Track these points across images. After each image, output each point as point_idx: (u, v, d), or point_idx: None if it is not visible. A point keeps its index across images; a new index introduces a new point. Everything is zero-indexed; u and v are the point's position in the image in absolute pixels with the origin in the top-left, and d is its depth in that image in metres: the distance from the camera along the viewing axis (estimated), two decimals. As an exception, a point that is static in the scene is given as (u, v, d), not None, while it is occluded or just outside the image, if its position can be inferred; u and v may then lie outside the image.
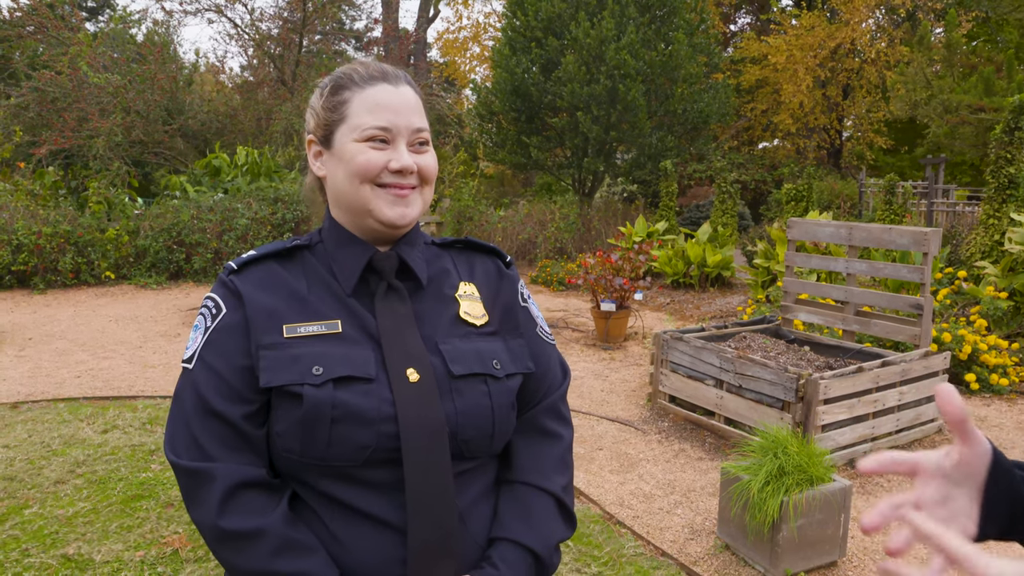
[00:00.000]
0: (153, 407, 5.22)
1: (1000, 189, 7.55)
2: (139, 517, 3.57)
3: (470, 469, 1.12)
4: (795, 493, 3.00)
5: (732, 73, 19.42)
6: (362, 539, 1.05)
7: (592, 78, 12.55)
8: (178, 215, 10.84)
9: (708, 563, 3.25)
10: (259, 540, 1.01)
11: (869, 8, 19.13)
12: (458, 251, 1.28)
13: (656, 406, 5.28)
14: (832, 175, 19.59)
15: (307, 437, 1.02)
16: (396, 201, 1.12)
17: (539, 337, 1.26)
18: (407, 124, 1.13)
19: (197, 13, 15.81)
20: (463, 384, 1.10)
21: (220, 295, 1.12)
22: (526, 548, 1.12)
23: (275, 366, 1.05)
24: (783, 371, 4.29)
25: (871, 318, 5.12)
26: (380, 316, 1.12)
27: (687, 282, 10.29)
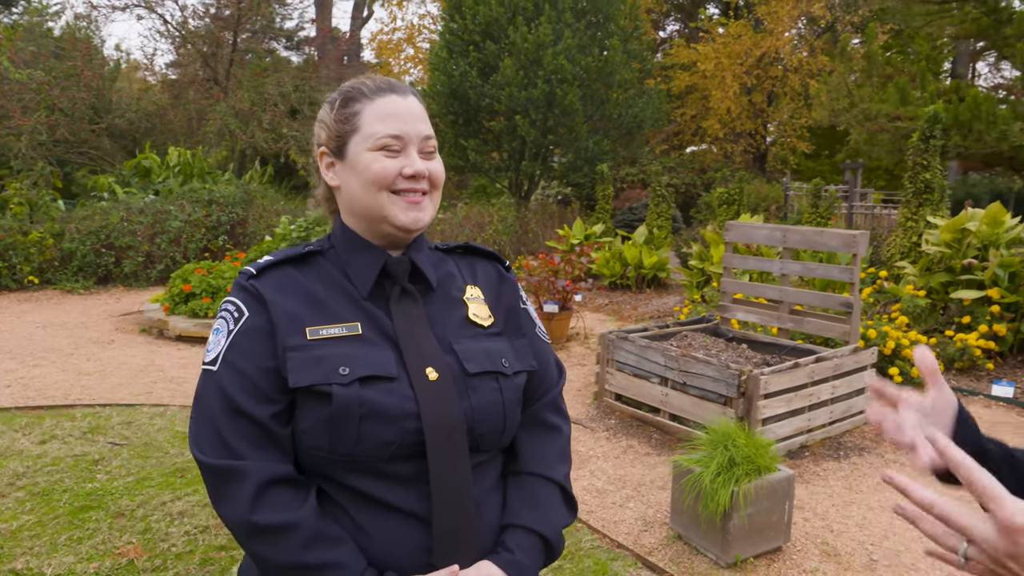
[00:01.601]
0: (92, 416, 5.08)
1: (917, 194, 7.98)
2: (89, 528, 3.49)
3: (484, 462, 1.19)
4: (745, 483, 3.16)
5: (662, 79, 19.88)
6: (388, 530, 1.10)
7: (530, 82, 12.70)
8: (107, 217, 10.51)
9: (662, 553, 3.38)
10: (292, 533, 1.05)
11: (792, 19, 19.85)
12: (460, 255, 1.35)
13: (603, 404, 5.41)
14: (758, 179, 20.24)
15: (335, 434, 1.08)
16: (410, 207, 1.18)
17: (538, 337, 1.34)
18: (417, 132, 1.20)
19: (126, 8, 15.32)
20: (477, 382, 1.17)
21: (241, 299, 1.16)
22: (537, 533, 1.19)
23: (302, 367, 1.09)
24: (725, 368, 4.47)
25: (804, 316, 5.36)
26: (396, 318, 1.17)
27: (624, 283, 10.51)
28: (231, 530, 1.10)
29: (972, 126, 11.18)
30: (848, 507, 3.87)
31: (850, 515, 3.78)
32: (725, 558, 3.24)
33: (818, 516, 3.77)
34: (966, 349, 6.22)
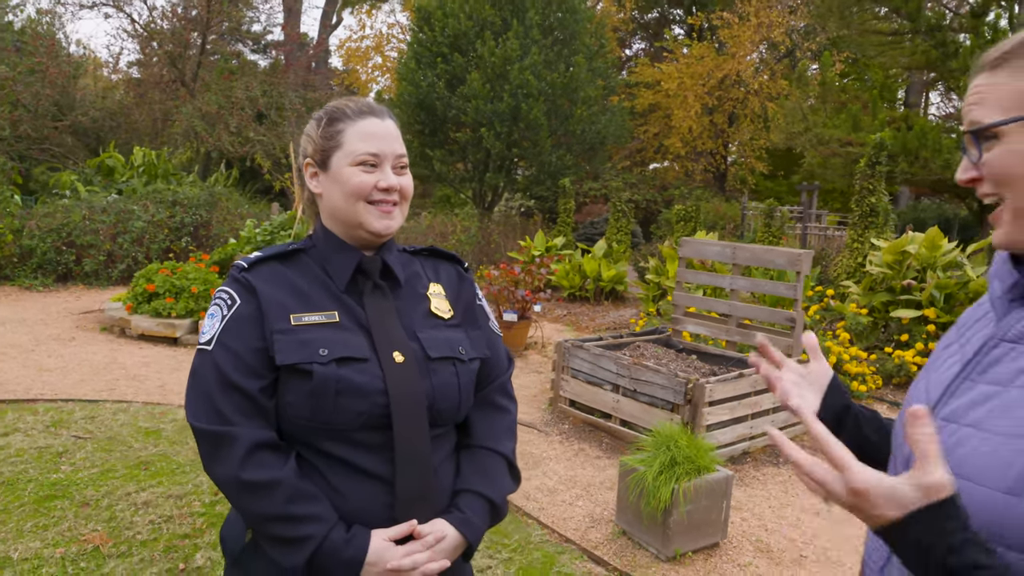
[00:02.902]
0: (55, 410, 5.14)
1: (863, 217, 8.37)
2: (55, 516, 3.59)
3: (440, 434, 1.39)
4: (684, 481, 3.38)
5: (626, 96, 20.30)
6: (357, 490, 1.29)
7: (496, 96, 12.94)
8: (68, 215, 10.47)
9: (607, 547, 3.59)
10: (275, 489, 1.23)
11: (753, 44, 20.45)
12: (425, 257, 1.55)
13: (557, 410, 5.62)
14: (717, 197, 20.75)
15: (315, 406, 1.26)
16: (382, 216, 1.38)
17: (492, 330, 1.54)
18: (392, 150, 1.39)
19: (94, 7, 15.24)
20: (437, 365, 1.36)
21: (234, 289, 1.34)
22: (485, 497, 1.39)
23: (287, 348, 1.28)
24: (674, 376, 4.71)
25: (751, 330, 5.64)
26: (368, 309, 1.37)
27: (583, 295, 10.76)
28: (222, 487, 1.28)
29: (919, 154, 11.71)
30: (783, 509, 4.12)
31: (784, 516, 4.03)
32: (665, 552, 3.45)
33: (755, 516, 4.02)
34: (903, 365, 6.56)
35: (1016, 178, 0.89)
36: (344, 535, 1.25)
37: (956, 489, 0.80)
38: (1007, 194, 0.91)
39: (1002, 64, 0.91)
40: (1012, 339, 0.91)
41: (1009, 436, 0.83)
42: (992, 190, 0.92)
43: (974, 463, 0.85)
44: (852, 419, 1.17)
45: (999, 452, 0.83)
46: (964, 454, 0.87)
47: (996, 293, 0.97)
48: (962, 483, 0.86)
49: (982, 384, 0.91)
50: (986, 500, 0.83)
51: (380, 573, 1.25)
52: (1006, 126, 0.89)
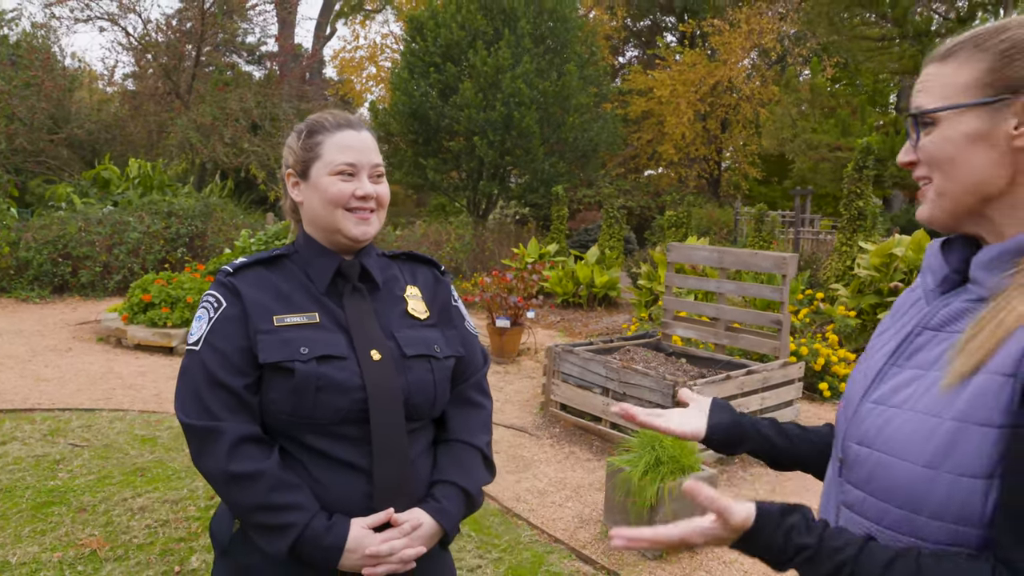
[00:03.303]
0: (52, 419, 5.21)
1: (851, 220, 8.48)
2: (52, 522, 3.65)
3: (417, 428, 1.46)
4: (670, 480, 3.46)
5: (619, 104, 20.44)
6: (338, 480, 1.37)
7: (488, 104, 13.05)
8: (64, 227, 10.54)
9: (595, 547, 3.66)
10: (260, 479, 1.31)
11: (744, 50, 20.62)
12: (403, 261, 1.63)
13: (548, 414, 5.69)
14: (711, 203, 20.88)
15: (296, 401, 1.34)
16: (360, 222, 1.46)
17: (467, 329, 1.62)
18: (368, 160, 1.47)
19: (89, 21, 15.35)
20: (413, 363, 1.44)
21: (220, 292, 1.42)
22: (460, 488, 1.47)
23: (270, 347, 1.36)
24: (662, 379, 4.79)
25: (739, 333, 5.73)
26: (347, 310, 1.45)
27: (576, 301, 10.85)
28: (209, 479, 1.35)
29: (907, 157, 11.79)
30: (769, 507, 4.19)
31: (770, 514, 4.10)
32: (652, 550, 3.52)
33: (741, 515, 4.08)
34: (890, 366, 6.64)
35: (943, 161, 0.97)
36: (325, 523, 1.33)
37: (754, 512, 0.97)
38: (935, 175, 0.99)
39: (950, 56, 0.99)
40: (935, 327, 0.99)
41: (927, 415, 0.91)
42: (924, 173, 1.01)
43: (897, 441, 0.93)
44: (752, 430, 1.26)
45: (919, 430, 0.91)
46: (890, 433, 0.95)
47: (929, 286, 1.05)
48: (888, 459, 0.94)
49: (908, 369, 0.99)
50: (908, 474, 0.91)
51: (359, 559, 1.33)
52: (943, 112, 0.97)
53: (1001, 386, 0.85)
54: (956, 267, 1.01)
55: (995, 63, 0.94)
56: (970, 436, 0.86)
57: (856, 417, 1.03)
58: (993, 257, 0.94)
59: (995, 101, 0.93)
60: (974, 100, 0.94)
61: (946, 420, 0.88)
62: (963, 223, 0.99)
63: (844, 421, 1.07)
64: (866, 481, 0.97)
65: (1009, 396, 0.84)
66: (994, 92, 0.93)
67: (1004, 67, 0.93)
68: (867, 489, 0.97)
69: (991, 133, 0.94)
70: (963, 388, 0.88)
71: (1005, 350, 0.85)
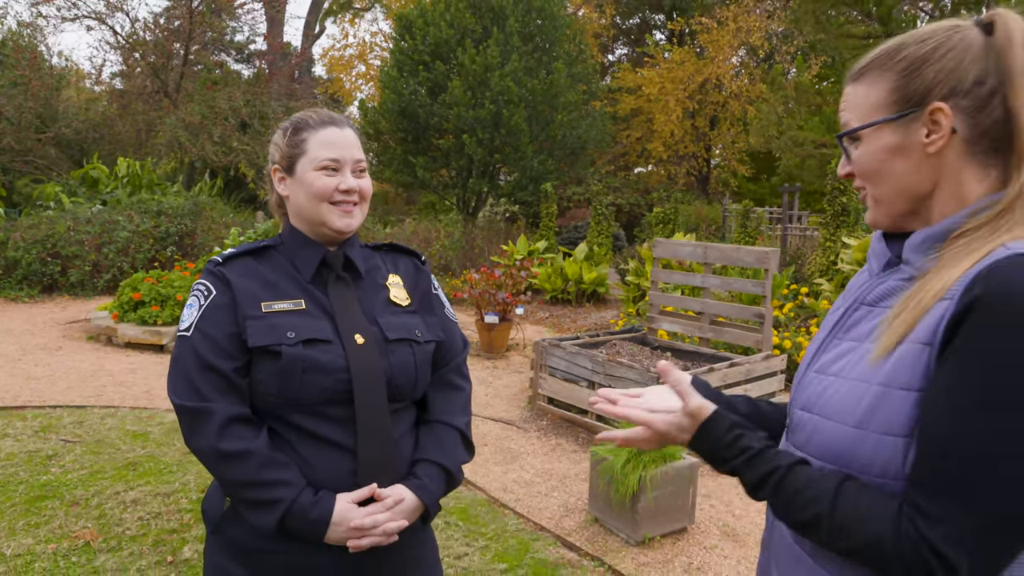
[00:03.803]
0: (43, 416, 5.25)
1: (835, 216, 8.59)
2: (46, 515, 3.71)
3: (400, 409, 1.54)
4: (652, 469, 3.54)
5: (609, 102, 20.54)
6: (323, 458, 1.44)
7: (477, 103, 13.12)
8: (53, 226, 10.55)
9: (580, 534, 3.74)
10: (250, 457, 1.38)
11: (732, 48, 20.75)
12: (385, 252, 1.70)
13: (536, 407, 5.77)
14: (700, 200, 21.01)
15: (284, 383, 1.41)
16: (343, 215, 1.53)
17: (447, 316, 1.70)
18: (351, 156, 1.55)
19: (76, 19, 15.32)
20: (395, 346, 1.52)
21: (210, 281, 1.49)
22: (441, 466, 1.54)
23: (258, 332, 1.43)
24: (646, 371, 4.88)
25: (723, 326, 5.82)
26: (332, 297, 1.52)
27: (565, 298, 10.93)
28: (201, 457, 1.42)
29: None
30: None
31: (752, 503, 4.19)
32: (635, 537, 3.61)
33: (724, 503, 4.18)
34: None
35: (871, 172, 1.07)
36: (311, 498, 1.40)
37: (712, 408, 1.15)
38: (868, 185, 1.09)
39: (861, 77, 1.09)
40: (870, 303, 1.08)
41: (859, 381, 1.00)
42: (860, 183, 1.11)
43: (833, 405, 1.03)
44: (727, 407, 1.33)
45: (851, 395, 1.01)
46: (827, 398, 1.05)
47: (875, 270, 1.14)
48: (824, 422, 1.04)
49: (846, 341, 1.08)
50: (840, 434, 1.00)
51: (344, 531, 1.40)
52: (864, 130, 1.07)
53: (919, 353, 0.94)
54: (898, 252, 1.10)
55: (898, 80, 1.03)
56: (893, 399, 0.95)
57: (800, 385, 1.14)
58: (921, 241, 1.03)
59: (904, 115, 1.03)
60: (886, 116, 1.04)
61: (874, 385, 0.98)
62: (903, 223, 1.09)
63: (793, 390, 1.17)
64: (806, 442, 1.07)
65: (926, 362, 0.93)
66: (902, 107, 1.03)
67: (907, 83, 1.03)
68: (807, 449, 1.06)
69: (906, 144, 1.03)
70: (890, 356, 0.97)
71: (924, 322, 0.94)
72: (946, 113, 1.00)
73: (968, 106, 1.00)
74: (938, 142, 1.01)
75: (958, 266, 0.94)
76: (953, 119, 1.00)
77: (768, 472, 1.04)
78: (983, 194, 1.01)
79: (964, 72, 1.00)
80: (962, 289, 0.91)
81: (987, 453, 0.86)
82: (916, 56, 1.03)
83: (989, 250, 0.94)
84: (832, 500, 0.96)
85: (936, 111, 1.00)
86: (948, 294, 0.93)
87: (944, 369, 0.91)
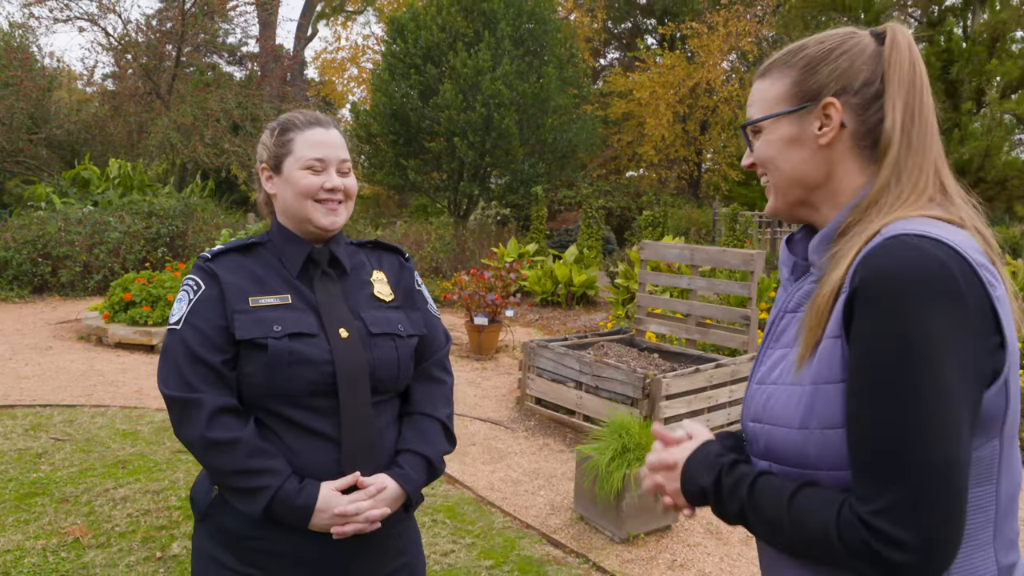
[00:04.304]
0: (33, 415, 5.27)
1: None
2: (35, 512, 3.74)
3: (383, 401, 1.59)
4: (636, 466, 3.59)
5: (600, 105, 20.63)
6: (309, 448, 1.49)
7: (468, 106, 13.18)
8: (44, 227, 10.54)
9: (566, 532, 3.79)
10: (237, 446, 1.43)
11: (723, 53, 20.88)
12: (370, 249, 1.75)
13: (524, 408, 5.82)
14: (690, 204, 21.12)
15: (270, 375, 1.46)
16: (328, 213, 1.58)
17: (429, 311, 1.75)
18: (336, 156, 1.60)
19: (68, 21, 15.32)
20: (379, 340, 1.57)
21: (199, 276, 1.54)
22: (423, 456, 1.60)
23: (246, 325, 1.48)
24: (633, 372, 4.93)
25: (710, 328, 5.88)
26: (318, 292, 1.57)
27: (555, 300, 10.99)
28: (189, 446, 1.47)
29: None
30: (735, 494, 4.34)
31: (735, 501, 4.25)
32: (620, 534, 3.67)
33: (707, 502, 4.23)
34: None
35: (768, 161, 1.15)
36: (297, 486, 1.45)
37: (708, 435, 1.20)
38: (768, 174, 1.17)
39: (767, 74, 1.17)
40: (792, 309, 1.15)
41: (794, 385, 1.06)
42: (761, 172, 1.18)
43: (777, 412, 1.08)
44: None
45: (790, 399, 1.06)
46: (771, 406, 1.10)
47: (785, 276, 1.21)
48: (774, 429, 1.08)
49: (778, 349, 1.15)
50: (790, 438, 1.05)
51: (328, 518, 1.45)
52: (764, 122, 1.14)
53: (833, 347, 1.00)
54: (803, 256, 1.18)
55: (798, 76, 1.12)
56: (824, 395, 1.01)
57: (747, 398, 1.19)
58: (818, 242, 1.11)
59: (800, 109, 1.11)
60: (784, 109, 1.12)
61: (806, 386, 1.03)
62: (797, 211, 1.17)
63: (743, 404, 1.22)
64: (765, 452, 1.11)
65: (840, 354, 0.99)
66: (799, 101, 1.11)
67: (805, 79, 1.11)
68: (769, 458, 1.11)
69: (801, 135, 1.11)
70: (813, 356, 1.03)
71: (835, 316, 1.00)
72: (837, 108, 1.08)
73: (857, 104, 1.08)
74: (829, 134, 1.09)
75: (847, 259, 1.01)
76: (843, 114, 1.08)
77: (743, 475, 1.08)
78: (863, 185, 1.09)
79: (855, 73, 1.08)
80: (849, 280, 0.98)
81: (893, 425, 0.91)
82: (814, 55, 1.11)
83: (867, 238, 1.00)
84: (788, 501, 1.01)
85: (828, 105, 1.08)
86: (843, 287, 0.99)
87: (849, 356, 0.97)
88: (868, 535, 0.91)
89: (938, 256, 0.92)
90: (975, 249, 0.98)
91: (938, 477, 0.89)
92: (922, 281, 0.91)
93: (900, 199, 1.04)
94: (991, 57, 11.72)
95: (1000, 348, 0.96)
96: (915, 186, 1.05)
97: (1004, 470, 1.00)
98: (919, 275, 0.91)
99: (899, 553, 0.89)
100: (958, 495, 0.90)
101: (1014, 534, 1.04)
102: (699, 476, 1.13)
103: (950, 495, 0.90)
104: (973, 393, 0.93)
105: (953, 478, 0.90)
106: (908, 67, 1.07)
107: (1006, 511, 1.02)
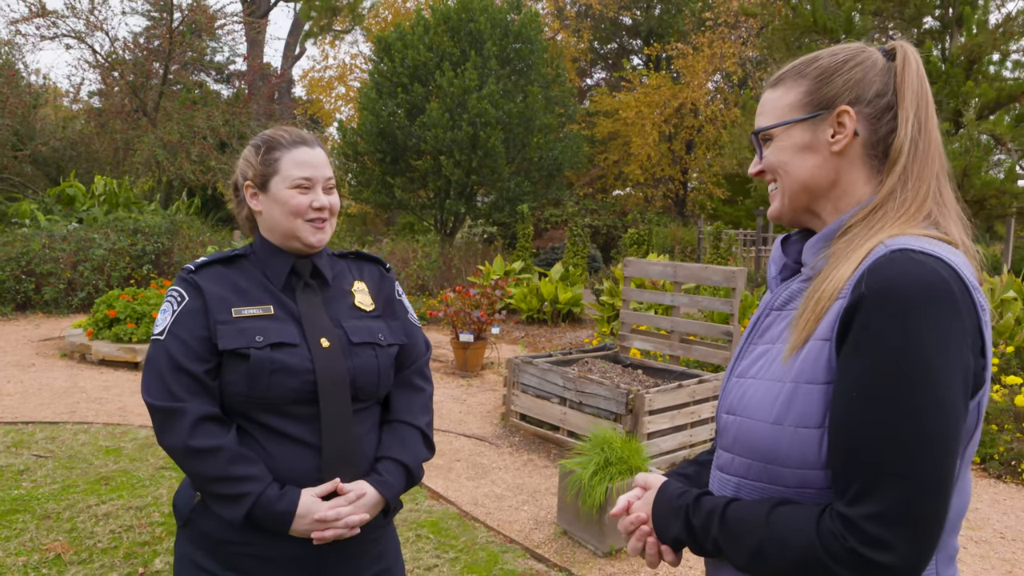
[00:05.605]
0: (15, 432, 5.24)
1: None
2: (17, 528, 3.72)
3: (363, 409, 1.62)
4: (618, 480, 3.62)
5: (587, 125, 20.81)
6: (289, 455, 1.52)
7: (455, 124, 13.27)
8: (28, 244, 10.50)
9: (549, 546, 3.81)
10: (219, 453, 1.46)
11: (708, 73, 21.15)
12: (352, 260, 1.79)
13: (508, 424, 5.84)
14: (676, 222, 21.28)
15: (252, 384, 1.49)
16: (316, 231, 1.62)
17: (410, 321, 1.79)
18: (322, 174, 1.64)
19: (55, 38, 15.33)
20: (359, 349, 1.60)
21: (182, 287, 1.57)
22: (401, 463, 1.63)
23: (228, 336, 1.51)
24: (616, 388, 4.97)
25: (693, 344, 5.94)
26: (300, 303, 1.61)
27: (541, 317, 11.03)
28: (172, 454, 1.50)
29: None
30: (717, 509, 4.37)
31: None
32: (602, 548, 3.69)
33: (690, 516, 4.26)
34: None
35: (779, 167, 1.19)
36: (278, 492, 1.48)
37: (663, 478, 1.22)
38: (777, 179, 1.20)
39: (779, 83, 1.21)
40: (778, 307, 1.19)
41: (774, 380, 1.09)
42: (770, 179, 1.22)
43: (753, 405, 1.11)
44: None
45: (768, 394, 1.09)
46: (747, 399, 1.13)
47: (773, 274, 1.25)
48: (747, 421, 1.12)
49: (761, 344, 1.18)
50: (761, 431, 1.09)
51: (309, 523, 1.48)
52: (776, 129, 1.18)
53: (821, 349, 1.03)
54: (795, 259, 1.22)
55: (811, 85, 1.16)
56: (804, 394, 1.04)
57: (724, 391, 1.22)
58: (815, 242, 1.15)
59: (814, 116, 1.15)
60: (798, 117, 1.16)
61: (787, 383, 1.07)
62: (800, 217, 1.21)
63: (720, 396, 1.26)
64: (732, 443, 1.15)
65: (827, 357, 1.02)
66: (813, 109, 1.15)
67: (819, 88, 1.15)
68: (734, 450, 1.15)
69: (814, 142, 1.15)
70: (798, 354, 1.06)
71: (826, 319, 1.04)
72: (851, 116, 1.12)
73: (869, 113, 1.13)
74: (842, 141, 1.13)
75: (846, 262, 1.05)
76: (856, 122, 1.12)
77: (710, 509, 1.10)
78: (868, 195, 1.13)
79: (868, 84, 1.13)
80: (851, 287, 1.01)
81: (894, 432, 0.93)
82: (828, 66, 1.16)
83: (870, 248, 1.04)
84: (766, 524, 1.02)
85: (843, 113, 1.12)
86: (842, 293, 1.03)
87: (842, 363, 1.00)
88: (852, 538, 0.93)
89: (941, 273, 0.96)
90: (970, 270, 1.02)
91: (932, 486, 0.93)
92: (928, 295, 0.94)
93: (904, 206, 1.08)
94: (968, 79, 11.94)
95: (983, 370, 1.00)
96: (917, 194, 1.09)
97: (957, 489, 1.03)
98: (925, 289, 0.94)
99: (885, 555, 0.91)
100: (945, 504, 0.94)
101: (954, 550, 1.08)
102: (669, 526, 1.15)
103: (939, 504, 0.93)
104: (967, 407, 0.97)
105: (944, 488, 0.93)
106: (918, 82, 1.12)
107: (952, 528, 1.05)
